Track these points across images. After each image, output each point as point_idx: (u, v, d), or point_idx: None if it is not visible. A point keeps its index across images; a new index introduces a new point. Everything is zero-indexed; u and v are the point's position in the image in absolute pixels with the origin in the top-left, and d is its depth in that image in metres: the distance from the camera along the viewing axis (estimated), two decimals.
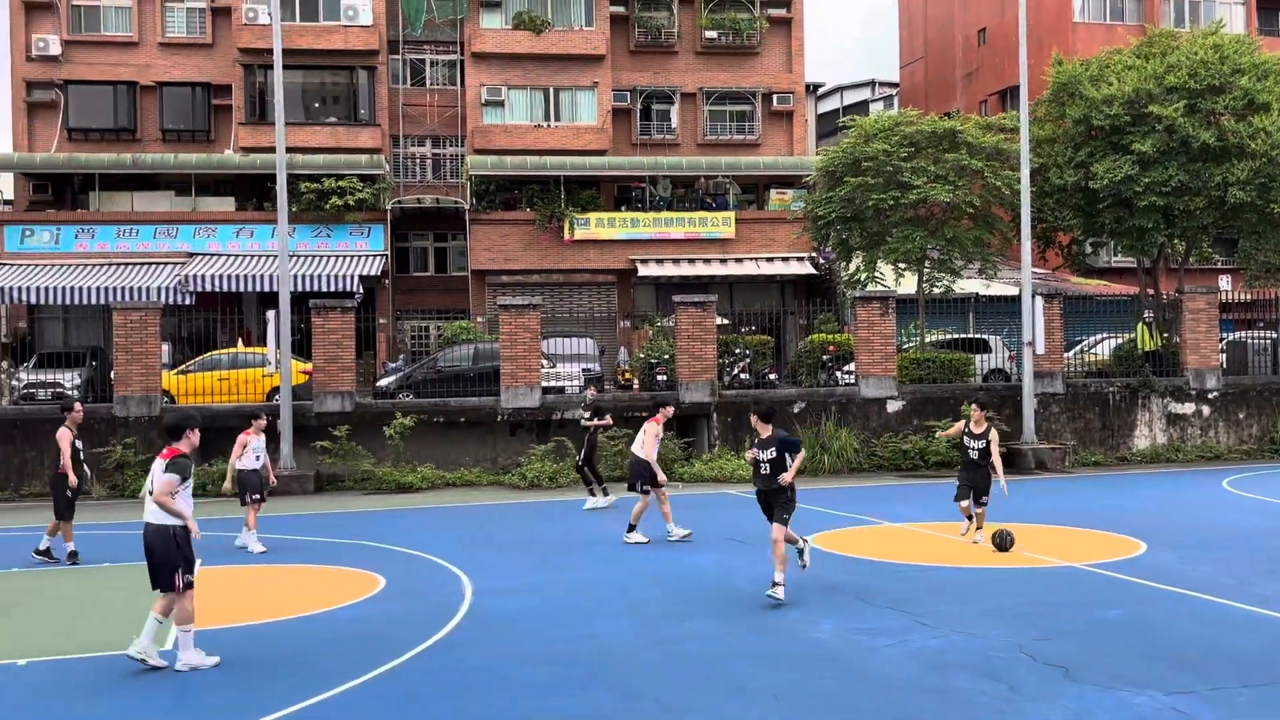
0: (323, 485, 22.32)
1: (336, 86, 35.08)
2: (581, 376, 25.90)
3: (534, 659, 8.75)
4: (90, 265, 31.47)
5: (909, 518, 16.40)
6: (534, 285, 33.27)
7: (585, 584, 11.80)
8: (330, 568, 13.11)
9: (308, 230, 32.14)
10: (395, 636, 9.46)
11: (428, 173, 36.53)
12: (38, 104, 34.25)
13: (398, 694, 7.84)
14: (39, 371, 26.34)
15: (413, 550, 14.16)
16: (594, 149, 35.08)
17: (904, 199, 24.92)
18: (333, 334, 23.51)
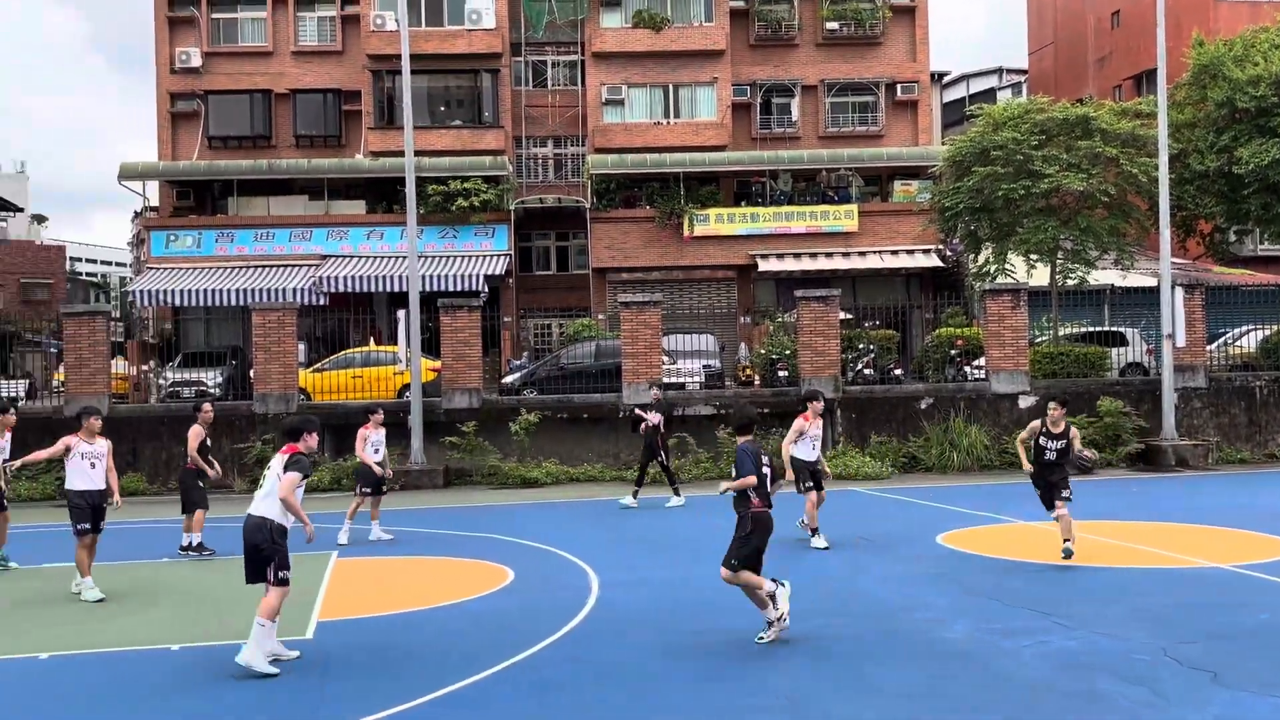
0: (451, 480, 22.78)
1: (461, 90, 35.76)
2: (702, 373, 25.90)
3: (662, 652, 8.77)
4: (230, 268, 32.73)
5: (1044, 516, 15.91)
6: (654, 282, 33.38)
7: (710, 579, 11.72)
8: (461, 560, 13.37)
9: (435, 231, 32.85)
10: (526, 628, 9.60)
11: (549, 173, 36.97)
12: (180, 114, 35.80)
13: (531, 684, 7.95)
14: (183, 370, 27.54)
15: (540, 544, 14.34)
16: (713, 145, 35.01)
17: (1035, 188, 24.22)
18: (460, 332, 23.98)
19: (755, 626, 9.58)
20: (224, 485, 22.67)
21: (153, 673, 8.52)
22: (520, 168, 36.29)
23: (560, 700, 7.56)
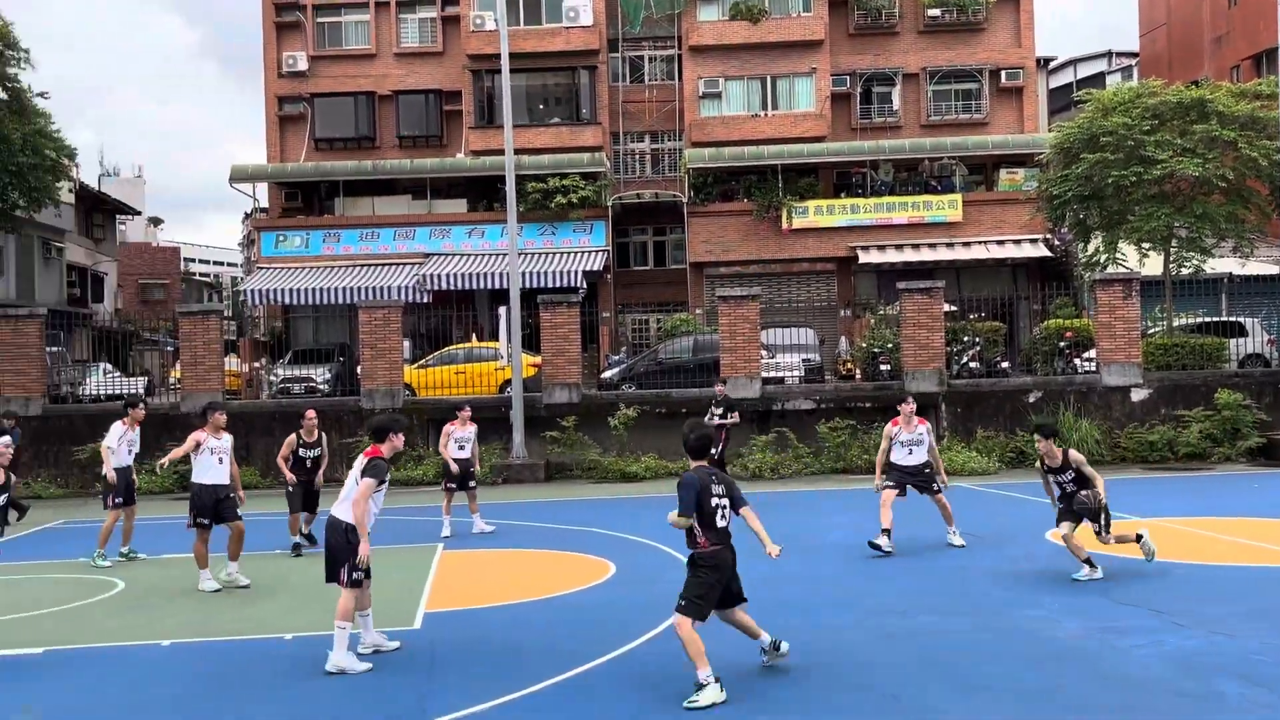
0: (552, 474, 23.00)
1: (559, 87, 36.06)
2: (801, 367, 25.69)
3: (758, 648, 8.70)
4: (337, 267, 33.53)
5: (1157, 512, 15.42)
6: (752, 276, 33.21)
7: (810, 576, 11.68)
8: (563, 553, 13.48)
9: (534, 229, 33.18)
10: (628, 622, 9.64)
11: (646, 168, 37.04)
12: (288, 117, 36.79)
13: (634, 677, 7.98)
14: (293, 367, 28.32)
15: (640, 538, 14.38)
16: (812, 136, 34.68)
17: (1147, 174, 23.46)
18: (559, 328, 24.19)
19: (864, 621, 9.47)
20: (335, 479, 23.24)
21: (266, 661, 8.77)
22: (617, 163, 36.44)
23: (662, 695, 7.57)
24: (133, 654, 9.02)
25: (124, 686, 8.21)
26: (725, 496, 7.73)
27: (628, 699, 7.51)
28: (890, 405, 23.42)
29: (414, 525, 16.23)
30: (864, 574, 11.67)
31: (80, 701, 7.84)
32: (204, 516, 11.76)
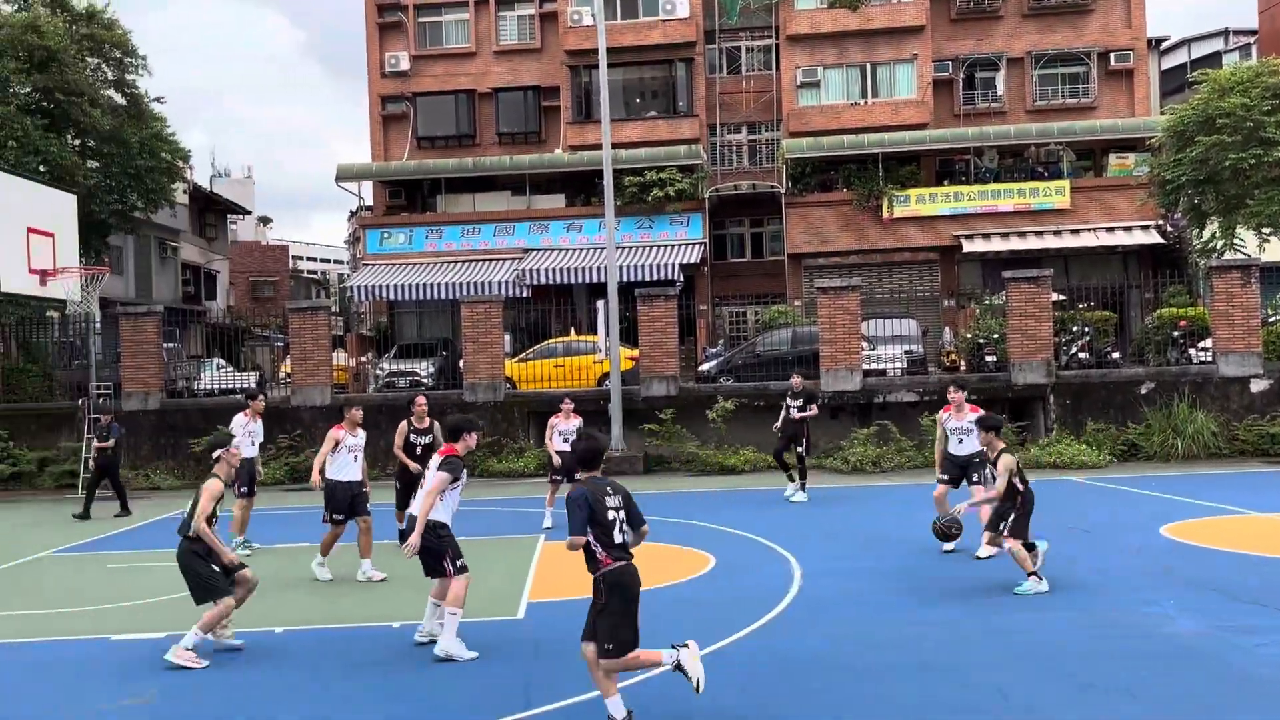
0: (650, 466, 23.06)
1: (655, 80, 36.08)
2: (904, 359, 25.31)
3: (864, 643, 8.63)
4: (439, 263, 34.10)
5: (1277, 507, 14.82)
6: (852, 266, 32.83)
7: (912, 570, 11.51)
8: (662, 545, 13.49)
9: (631, 222, 33.27)
10: (729, 614, 9.62)
11: (744, 159, 36.86)
12: (391, 116, 37.50)
13: (736, 671, 7.95)
14: (398, 361, 28.89)
15: (740, 531, 14.35)
16: (913, 124, 34.10)
17: (1267, 156, 22.52)
18: (657, 321, 24.23)
19: (968, 617, 9.29)
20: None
21: (375, 648, 8.97)
22: (714, 155, 36.34)
23: (765, 688, 7.54)
24: (247, 640, 9.30)
25: (237, 671, 8.47)
26: (622, 509, 6.90)
27: (730, 691, 7.49)
28: (996, 397, 23.05)
29: (516, 517, 16.44)
30: (969, 569, 11.45)
31: (197, 684, 8.11)
32: (339, 512, 11.99)
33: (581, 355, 26.17)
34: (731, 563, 12.15)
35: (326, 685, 7.98)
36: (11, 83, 24.88)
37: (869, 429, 22.50)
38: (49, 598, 11.56)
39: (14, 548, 15.06)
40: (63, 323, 27.64)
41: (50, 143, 24.54)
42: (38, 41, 24.60)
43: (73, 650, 9.27)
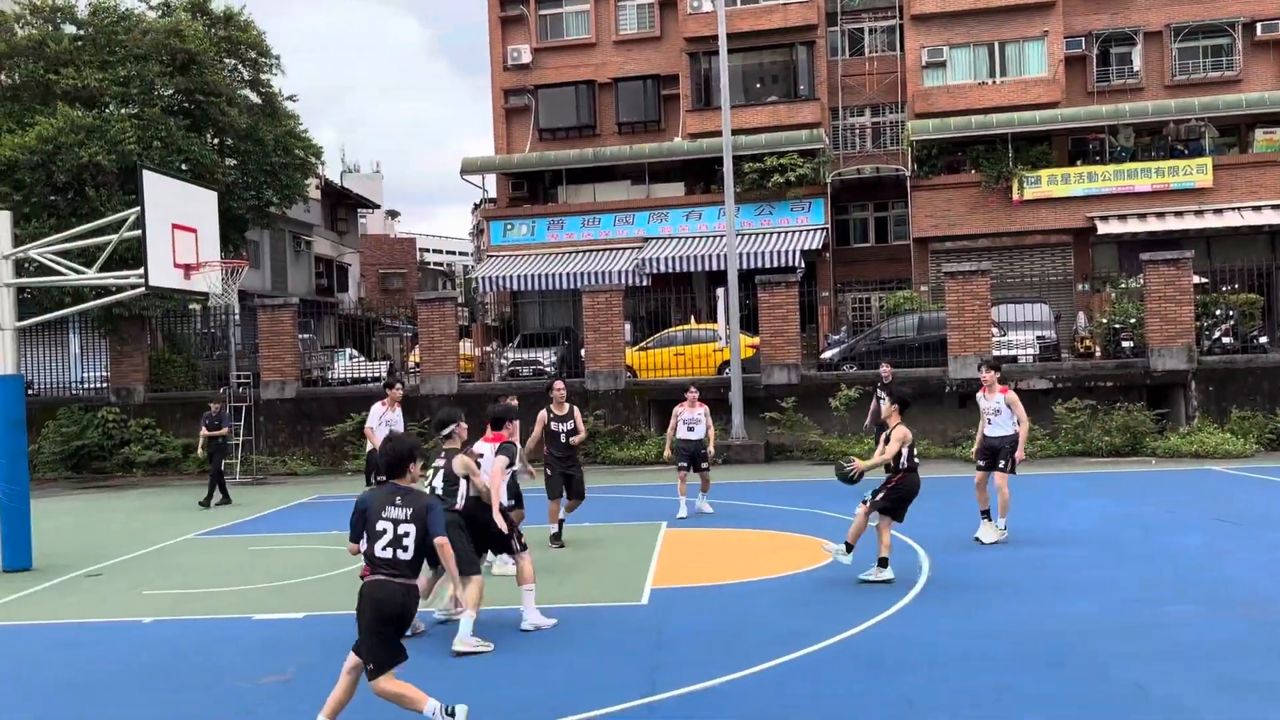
0: (772, 455, 22.91)
1: (776, 65, 35.71)
2: (1036, 345, 24.58)
3: (997, 634, 8.40)
4: (560, 253, 34.43)
5: None
6: (980, 250, 31.99)
7: (1046, 560, 11.17)
8: (786, 534, 13.40)
9: (751, 209, 33.03)
10: (855, 604, 9.49)
11: (867, 142, 36.25)
12: (514, 109, 37.99)
13: (862, 660, 7.83)
14: (521, 351, 29.32)
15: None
16: (1044, 102, 33.01)
17: None
18: (778, 308, 24.04)
19: (1104, 611, 8.97)
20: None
21: (504, 632, 9.09)
22: (837, 139, 35.82)
23: (891, 679, 7.40)
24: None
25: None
26: (409, 522, 6.31)
27: (857, 680, 7.38)
28: (1133, 384, 22.23)
29: (638, 504, 16.51)
30: (1106, 561, 11.06)
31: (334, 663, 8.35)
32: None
33: (701, 343, 26.14)
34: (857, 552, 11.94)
35: (451, 668, 8.13)
36: (156, 85, 26.00)
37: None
38: (194, 578, 12.06)
39: (161, 530, 15.77)
40: (204, 315, 28.83)
41: (192, 142, 25.57)
42: (180, 45, 25.63)
43: (216, 629, 9.66)
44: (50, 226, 22.40)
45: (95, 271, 13.80)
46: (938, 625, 8.73)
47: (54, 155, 23.54)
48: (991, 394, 12.57)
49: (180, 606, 10.58)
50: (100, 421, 25.21)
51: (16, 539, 13.06)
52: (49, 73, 25.10)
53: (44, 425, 25.02)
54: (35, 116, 24.30)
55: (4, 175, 23.81)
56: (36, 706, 7.58)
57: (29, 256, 14.11)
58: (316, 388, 27.39)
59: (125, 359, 26.32)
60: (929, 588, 10.10)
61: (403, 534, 6.28)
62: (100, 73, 24.99)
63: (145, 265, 12.73)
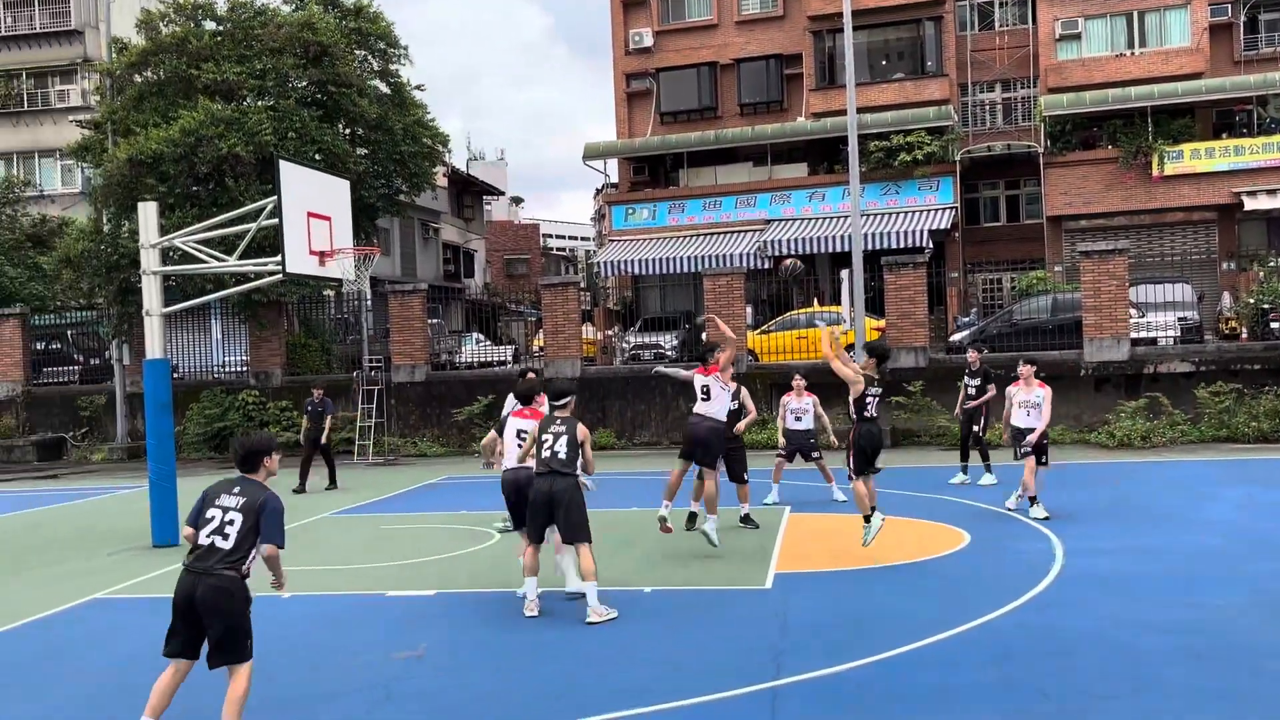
0: (899, 440, 22.49)
1: (902, 41, 34.97)
2: (1177, 326, 23.58)
3: (1136, 624, 8.09)
4: (681, 237, 34.41)
5: None
6: (1117, 228, 30.84)
7: (1187, 550, 10.71)
8: (913, 520, 13.15)
9: (876, 188, 32.46)
10: (986, 591, 9.26)
11: (997, 118, 35.26)
12: (635, 93, 38.06)
13: (994, 649, 7.64)
14: (643, 334, 29.42)
15: (993, 507, 13.79)
16: (1186, 73, 31.59)
17: None
18: (904, 290, 23.57)
19: (1253, 603, 8.55)
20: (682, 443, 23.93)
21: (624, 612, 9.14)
22: (966, 116, 34.91)
23: (1023, 668, 7.20)
24: (508, 599, 9.71)
25: (499, 627, 8.86)
26: (239, 514, 6.24)
27: (988, 669, 7.20)
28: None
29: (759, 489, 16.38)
30: (1253, 551, 10.55)
31: (464, 639, 8.54)
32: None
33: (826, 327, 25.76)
34: (987, 540, 11.67)
35: (574, 644, 8.21)
36: (291, 78, 26.84)
37: (1138, 401, 21.11)
38: (329, 556, 12.46)
39: (297, 509, 16.33)
40: (338, 300, 29.71)
41: (324, 132, 26.32)
42: (312, 38, 26.38)
43: (352, 605, 9.96)
44: (193, 216, 23.33)
45: (235, 259, 14.32)
46: (1072, 614, 8.46)
47: (196, 147, 24.50)
48: (1030, 388, 13.32)
49: (317, 583, 10.94)
50: (240, 404, 26.22)
51: (165, 515, 13.67)
52: (191, 68, 26.12)
53: (188, 407, 26.15)
54: (178, 110, 25.32)
55: (150, 168, 24.86)
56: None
57: (173, 245, 14.73)
58: (445, 371, 27.96)
59: (263, 343, 27.31)
60: (1063, 576, 9.79)
61: (230, 523, 6.24)
62: (238, 67, 25.89)
63: (282, 252, 13.16)
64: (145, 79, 27.37)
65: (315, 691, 7.36)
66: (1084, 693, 6.68)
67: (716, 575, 10.51)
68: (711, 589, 9.97)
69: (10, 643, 9.07)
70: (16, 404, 28.42)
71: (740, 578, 10.34)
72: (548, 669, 7.62)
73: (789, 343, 25.66)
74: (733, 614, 8.99)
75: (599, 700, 6.87)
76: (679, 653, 7.90)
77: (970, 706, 6.54)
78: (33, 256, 31.24)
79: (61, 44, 41.07)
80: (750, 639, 8.19)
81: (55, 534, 15.06)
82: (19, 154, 41.62)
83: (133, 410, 26.96)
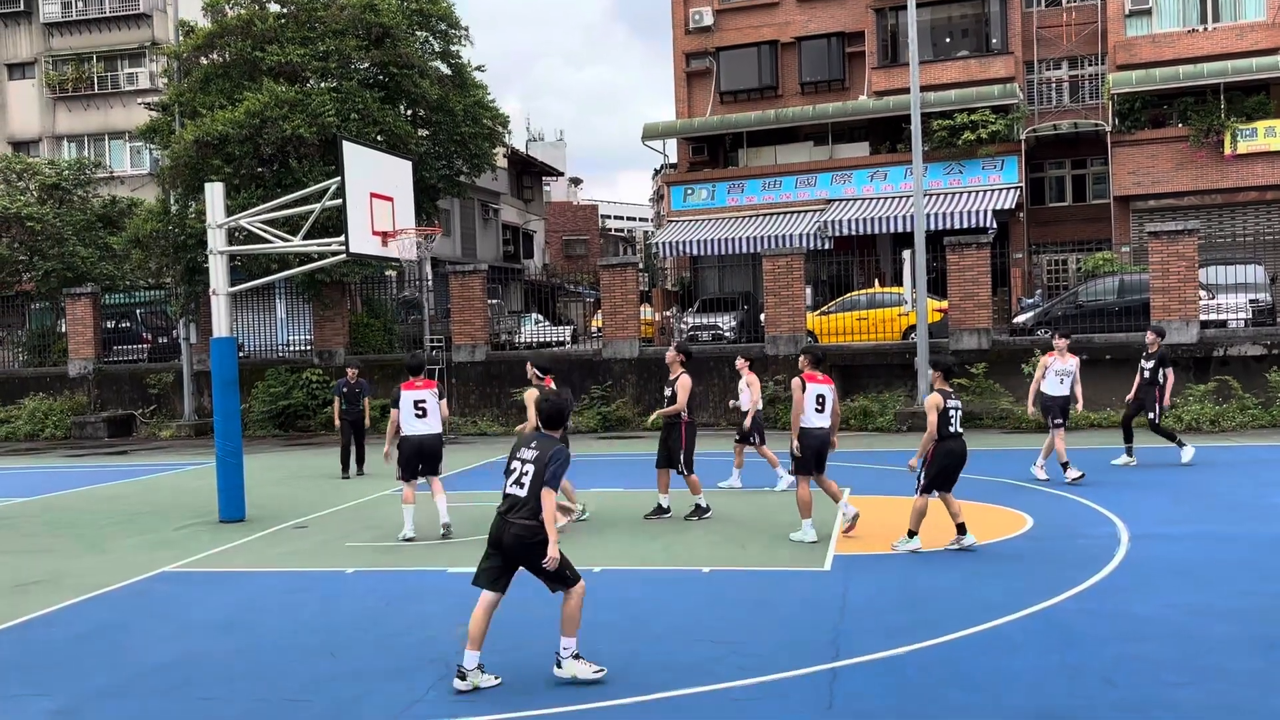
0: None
1: (966, 19, 34.41)
2: (1248, 308, 23.03)
3: (1204, 612, 7.95)
4: (740, 217, 34.26)
5: None
6: (1187, 208, 30.15)
7: (1256, 537, 10.49)
8: (975, 503, 13.00)
9: (939, 168, 32.04)
10: (1049, 575, 9.16)
11: (1064, 96, 34.59)
12: (695, 73, 37.88)
13: (1056, 634, 7.55)
14: (700, 315, 29.37)
15: (1058, 490, 13.61)
16: (1263, 49, 30.71)
17: None
18: (967, 271, 23.27)
19: None
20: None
21: (688, 591, 9.17)
22: (1031, 94, 34.29)
23: (1087, 654, 7.10)
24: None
25: (548, 603, 8.91)
26: (533, 464, 6.73)
27: (1051, 653, 7.12)
28: None
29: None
30: None
31: (524, 617, 8.61)
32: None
33: (886, 308, 25.57)
34: (1051, 523, 11.53)
35: (633, 624, 8.24)
36: (353, 60, 27.09)
37: (1207, 385, 20.69)
38: (391, 532, 12.62)
39: (359, 486, 16.60)
40: (400, 280, 30.02)
41: (386, 113, 26.54)
42: (374, 19, 26.58)
43: (414, 580, 10.10)
44: (258, 197, 23.67)
45: (299, 239, 14.51)
46: (1138, 600, 8.33)
47: (261, 129, 24.83)
48: (1065, 359, 14.59)
49: (380, 558, 11.10)
50: (305, 382, 26.62)
51: (231, 491, 13.95)
52: (255, 50, 26.46)
53: (253, 386, 26.62)
54: (243, 93, 25.68)
55: (216, 149, 25.27)
56: (254, 647, 8.09)
57: (239, 225, 14.97)
58: (504, 351, 28.16)
59: (327, 323, 27.70)
60: (1128, 561, 9.65)
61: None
62: (301, 49, 26.17)
63: (346, 233, 13.32)
64: (211, 61, 27.78)
65: (379, 666, 7.47)
66: (1151, 680, 6.58)
67: (776, 557, 10.50)
68: (771, 570, 9.97)
69: (84, 613, 9.33)
70: (89, 381, 29.15)
71: (799, 559, 10.32)
72: (607, 647, 7.66)
73: (850, 324, 25.48)
74: (792, 595, 8.97)
75: (658, 679, 6.91)
76: (738, 633, 7.91)
77: (1031, 692, 6.47)
78: (103, 237, 31.91)
79: (130, 27, 41.85)
80: (809, 620, 8.17)
81: (126, 508, 15.43)
82: (89, 136, 42.54)
83: (199, 388, 27.51)
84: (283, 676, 7.34)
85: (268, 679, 7.28)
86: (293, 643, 8.13)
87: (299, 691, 7.01)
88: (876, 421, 22.23)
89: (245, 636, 8.37)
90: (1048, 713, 6.14)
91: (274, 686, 7.12)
